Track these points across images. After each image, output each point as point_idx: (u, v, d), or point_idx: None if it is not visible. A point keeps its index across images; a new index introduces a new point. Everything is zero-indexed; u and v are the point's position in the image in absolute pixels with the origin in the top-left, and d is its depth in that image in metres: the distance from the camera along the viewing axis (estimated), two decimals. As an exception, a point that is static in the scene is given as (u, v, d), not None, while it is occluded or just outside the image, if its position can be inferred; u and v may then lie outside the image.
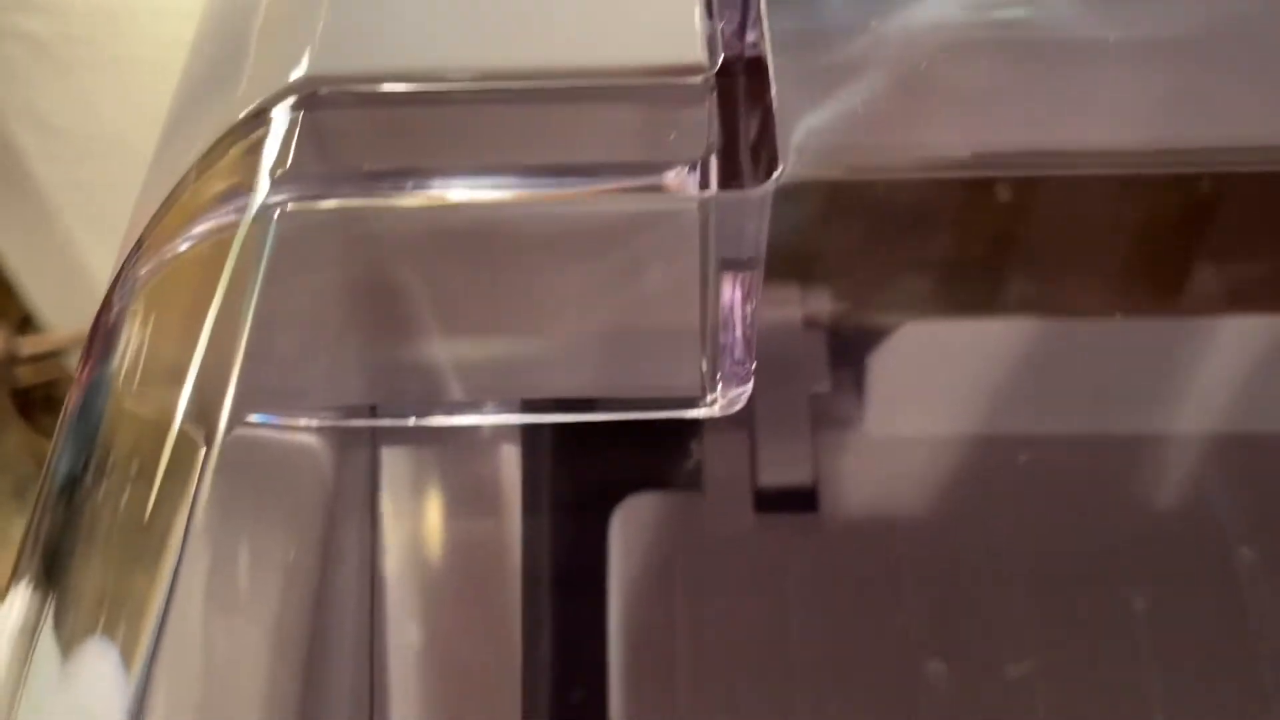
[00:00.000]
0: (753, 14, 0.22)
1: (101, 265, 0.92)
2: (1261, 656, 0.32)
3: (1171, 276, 0.34)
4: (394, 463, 0.26)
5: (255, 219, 0.20)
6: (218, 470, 0.19)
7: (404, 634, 0.26)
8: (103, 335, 0.22)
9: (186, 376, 0.19)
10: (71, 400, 0.21)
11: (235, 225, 0.20)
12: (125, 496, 0.20)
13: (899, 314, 0.35)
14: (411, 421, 0.24)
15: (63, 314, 0.96)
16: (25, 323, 0.99)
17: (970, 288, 0.35)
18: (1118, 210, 0.32)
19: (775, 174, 0.20)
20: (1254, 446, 0.35)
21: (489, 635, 0.27)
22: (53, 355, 0.94)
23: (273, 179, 0.20)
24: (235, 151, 0.21)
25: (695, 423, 0.35)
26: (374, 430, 0.26)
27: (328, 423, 0.24)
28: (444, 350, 0.24)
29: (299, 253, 0.21)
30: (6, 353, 0.89)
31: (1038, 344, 0.34)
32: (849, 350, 0.35)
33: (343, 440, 0.25)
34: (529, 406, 0.24)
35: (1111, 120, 0.25)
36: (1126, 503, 0.34)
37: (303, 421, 0.24)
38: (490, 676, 0.28)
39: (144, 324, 0.21)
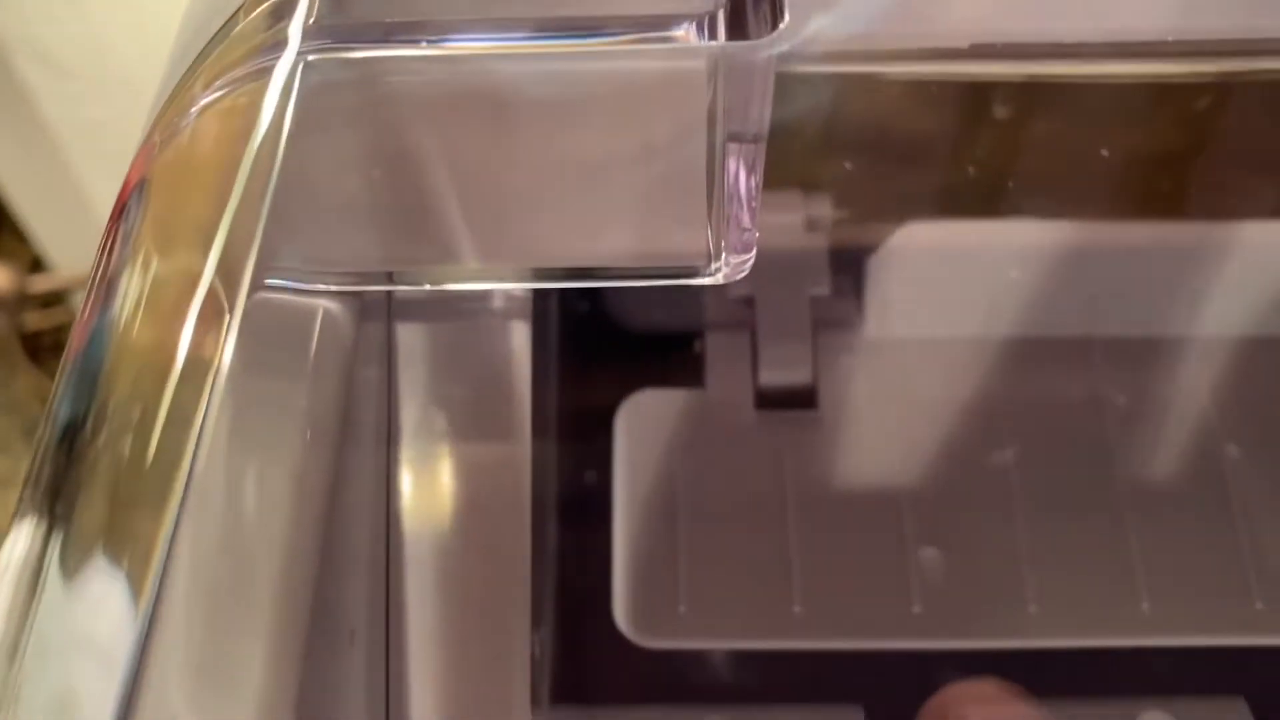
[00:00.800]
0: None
1: (110, 207, 0.93)
2: (1244, 548, 0.33)
3: (1172, 181, 0.35)
4: (410, 337, 0.27)
5: (282, 71, 0.20)
6: (239, 336, 0.20)
7: (419, 516, 0.27)
8: (129, 195, 0.23)
9: (213, 238, 0.19)
10: (94, 284, 0.22)
11: (260, 83, 0.21)
12: (148, 367, 0.20)
13: (898, 217, 0.36)
14: (426, 287, 0.25)
15: (72, 256, 0.96)
16: (35, 265, 1.00)
17: (970, 189, 0.36)
18: (1120, 113, 0.33)
19: (780, 27, 0.20)
20: (1248, 348, 0.36)
21: (500, 516, 0.28)
22: (62, 294, 0.95)
23: (299, 32, 0.21)
24: (260, 11, 0.21)
25: (699, 320, 0.36)
26: (390, 303, 0.27)
27: (346, 288, 0.25)
28: (459, 218, 0.25)
29: (317, 115, 0.22)
30: (16, 293, 0.90)
31: (1035, 246, 0.35)
32: (849, 254, 0.36)
33: (360, 310, 0.26)
34: (539, 274, 0.25)
35: (1122, 9, 0.26)
36: (1120, 401, 0.35)
37: (321, 286, 0.25)
38: (501, 555, 0.29)
39: (161, 190, 0.22)
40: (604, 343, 0.36)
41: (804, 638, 0.32)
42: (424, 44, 0.21)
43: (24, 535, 0.19)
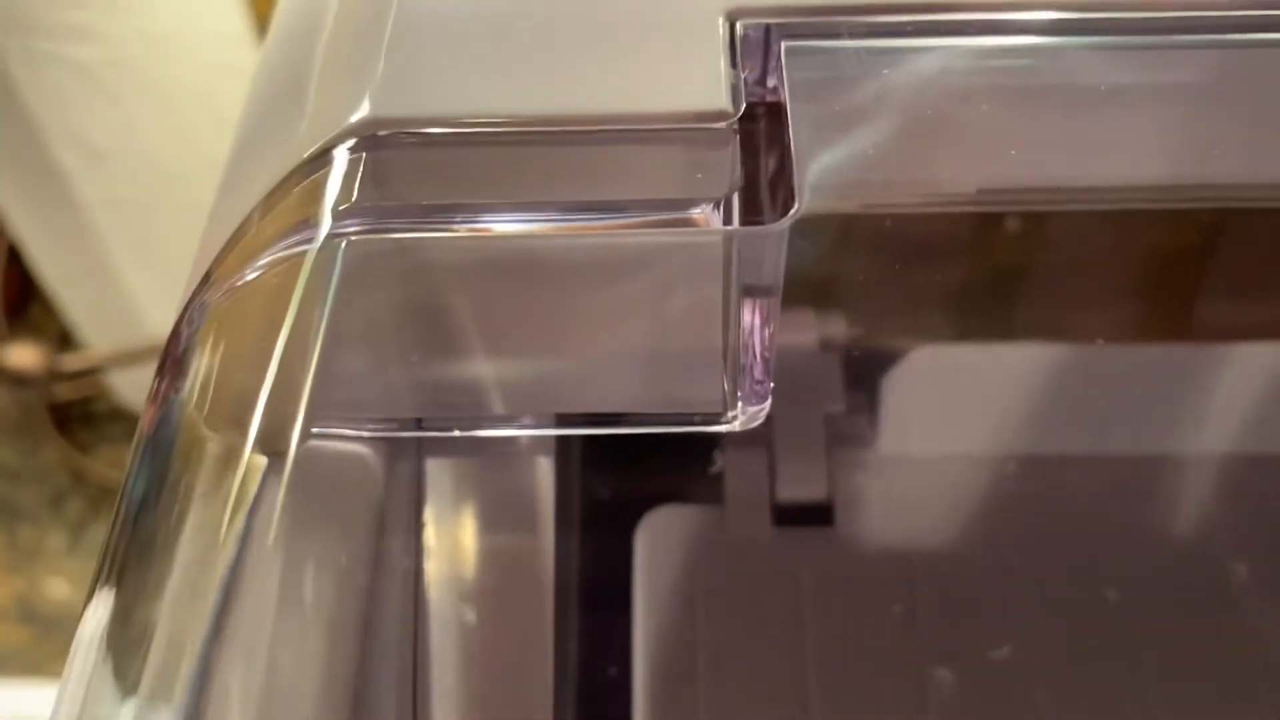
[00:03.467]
0: (773, 63, 0.24)
1: (139, 283, 0.95)
2: (1258, 672, 0.33)
3: (1172, 306, 0.36)
4: (438, 473, 0.28)
5: (321, 249, 0.22)
6: (290, 480, 0.21)
7: (445, 636, 0.28)
8: (173, 361, 0.24)
9: (258, 398, 0.21)
10: (144, 424, 0.23)
11: (300, 256, 0.22)
12: (194, 515, 0.21)
13: (911, 339, 0.37)
14: (455, 433, 0.26)
15: (100, 331, 0.98)
16: (64, 339, 1.02)
17: (979, 315, 0.37)
18: (1119, 242, 0.34)
19: (792, 211, 0.22)
20: (1255, 467, 0.36)
21: (523, 639, 0.29)
22: (91, 373, 0.97)
23: (336, 213, 0.22)
24: (300, 189, 0.23)
25: (716, 440, 0.37)
26: (420, 444, 0.28)
27: (380, 434, 0.26)
28: (487, 369, 0.26)
29: (359, 279, 0.23)
30: (46, 369, 0.92)
31: (1043, 369, 0.36)
32: (863, 373, 0.37)
33: (391, 452, 0.27)
34: (563, 421, 0.26)
35: (1111, 159, 0.27)
36: (1133, 522, 0.36)
37: (359, 431, 0.26)
38: (523, 678, 0.30)
39: (213, 350, 0.23)
40: (625, 458, 0.37)
41: (820, 757, 0.32)
42: (457, 225, 0.22)
43: (98, 611, 0.21)
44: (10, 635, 0.96)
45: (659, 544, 0.35)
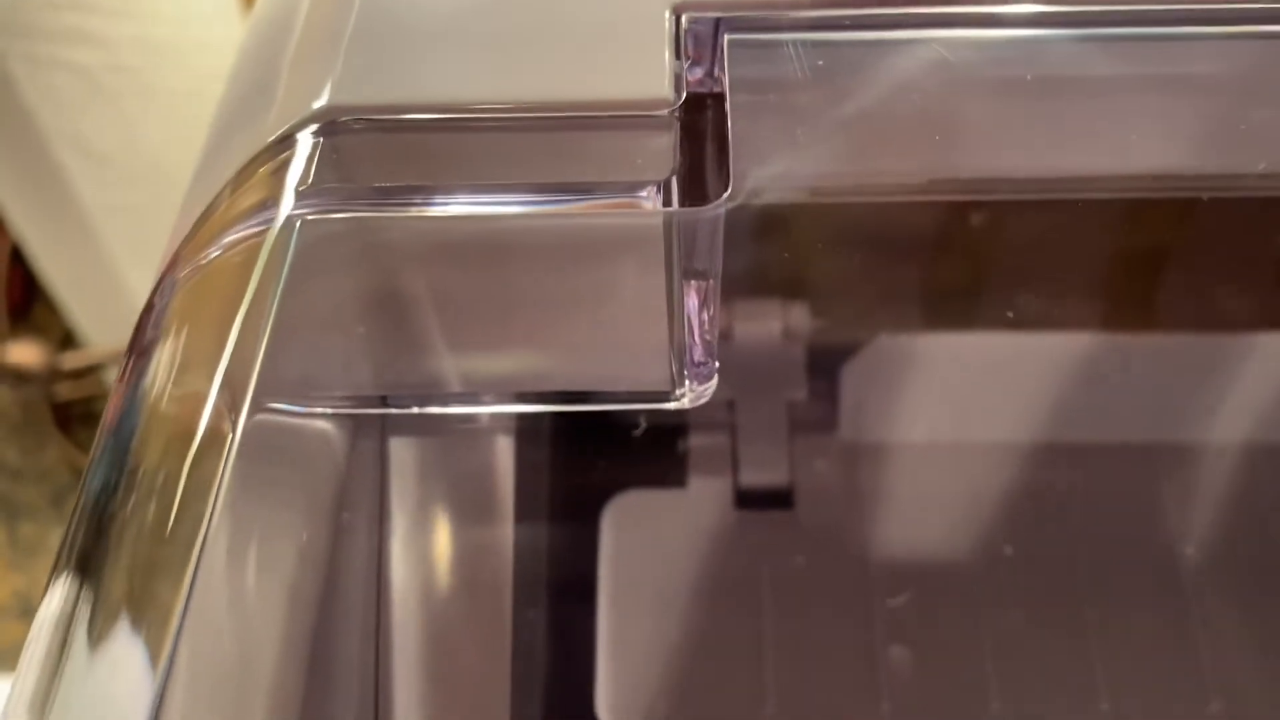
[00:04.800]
0: (716, 56, 0.25)
1: (140, 284, 0.96)
2: (1202, 650, 0.34)
3: (1127, 294, 0.37)
4: (401, 451, 0.30)
5: (280, 229, 0.23)
6: (240, 454, 0.22)
7: (406, 615, 0.29)
8: (141, 335, 0.25)
9: (217, 369, 0.22)
10: (110, 408, 0.24)
11: (263, 235, 0.23)
12: (159, 484, 0.22)
13: (871, 328, 0.38)
14: (416, 410, 0.27)
15: (102, 331, 1.00)
16: (66, 339, 1.03)
17: (937, 304, 0.38)
18: (1072, 231, 0.35)
19: (725, 195, 0.23)
20: (1208, 456, 0.37)
21: (484, 620, 0.30)
22: (92, 370, 0.98)
23: (296, 194, 0.23)
24: (264, 171, 0.24)
25: (681, 427, 0.38)
26: (384, 422, 0.29)
27: (342, 410, 0.27)
28: (447, 348, 0.27)
29: (319, 258, 0.24)
30: (48, 368, 0.94)
31: (1003, 358, 0.37)
32: (825, 361, 0.38)
33: (355, 428, 0.28)
34: (521, 398, 0.27)
35: (1062, 149, 0.28)
36: (1083, 507, 0.37)
37: (319, 409, 0.27)
38: (484, 658, 0.31)
39: (179, 323, 0.25)
40: (592, 443, 0.38)
41: (777, 733, 0.33)
42: (411, 206, 0.23)
43: (57, 597, 0.21)
44: (11, 632, 0.98)
45: (624, 528, 0.37)
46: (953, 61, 0.28)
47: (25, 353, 0.89)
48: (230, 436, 0.22)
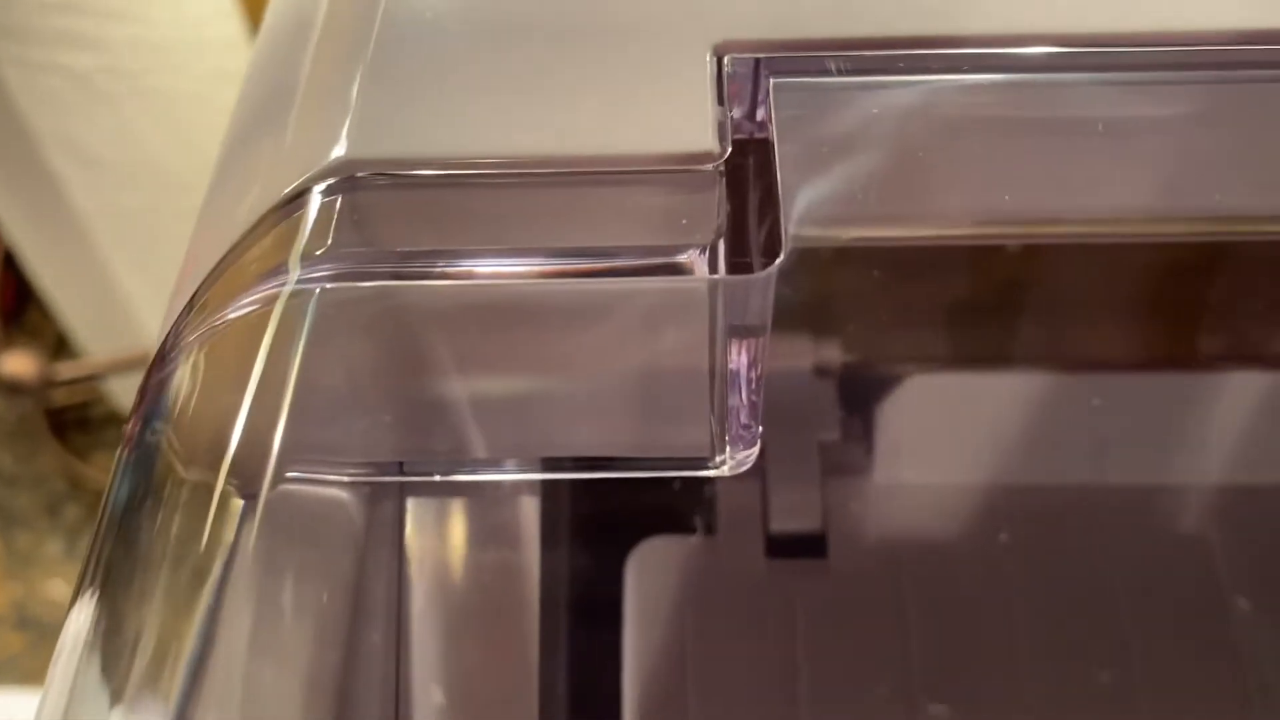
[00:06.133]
0: (761, 99, 0.23)
1: (135, 290, 0.94)
2: (1255, 704, 0.33)
3: (1167, 333, 0.36)
4: (420, 513, 0.28)
5: (292, 297, 0.21)
6: (261, 524, 0.21)
7: (427, 677, 0.28)
8: (152, 395, 0.23)
9: (229, 444, 0.20)
10: (122, 458, 0.23)
11: (273, 304, 0.21)
12: (172, 550, 0.21)
13: (905, 366, 0.36)
14: (437, 478, 0.26)
15: (96, 335, 0.98)
16: (60, 344, 1.02)
17: (973, 343, 0.36)
18: (1112, 272, 0.33)
19: (779, 257, 0.21)
20: (1251, 497, 0.36)
21: (509, 678, 0.29)
22: (88, 379, 0.96)
23: (307, 260, 0.21)
24: (276, 232, 0.22)
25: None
26: (402, 486, 0.28)
27: (360, 478, 0.25)
28: (469, 412, 0.25)
29: (336, 323, 0.23)
30: (42, 375, 0.92)
31: (1038, 397, 0.36)
32: (857, 400, 0.36)
33: (373, 494, 0.26)
34: (548, 465, 0.26)
35: (1098, 191, 0.27)
36: (1128, 551, 0.35)
37: (336, 477, 0.25)
38: (510, 713, 0.30)
39: (190, 390, 0.23)
40: (615, 488, 0.36)
41: (813, 796, 0.32)
42: (433, 272, 0.21)
43: (83, 613, 0.20)
44: (7, 642, 0.96)
45: (650, 576, 0.35)
46: (1001, 102, 0.26)
47: (19, 363, 0.87)
48: (248, 507, 0.21)
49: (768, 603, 0.34)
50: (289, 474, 0.23)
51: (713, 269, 0.21)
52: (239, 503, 0.21)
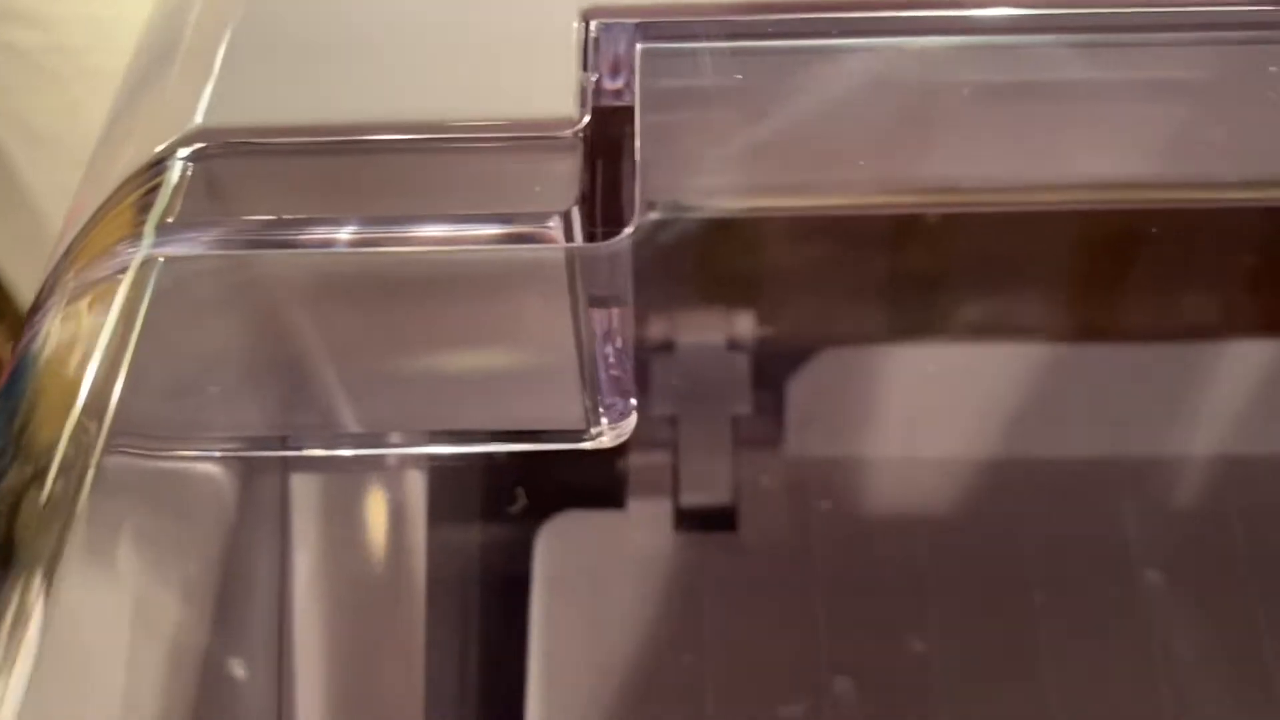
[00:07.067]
0: (625, 66, 0.23)
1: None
2: (1159, 677, 0.33)
3: (1070, 304, 0.36)
4: (305, 488, 0.28)
5: (140, 268, 0.21)
6: (112, 495, 0.21)
7: (312, 653, 0.27)
8: (16, 357, 0.23)
9: (73, 411, 0.20)
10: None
11: (123, 274, 0.21)
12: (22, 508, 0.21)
13: (817, 340, 0.36)
14: (312, 453, 0.25)
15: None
16: (15, 324, 1.01)
17: (884, 316, 0.36)
18: (1018, 240, 0.33)
19: (628, 229, 0.21)
20: (1167, 471, 0.36)
21: (399, 653, 0.29)
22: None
23: (161, 229, 0.21)
24: (129, 201, 0.22)
25: (621, 444, 0.36)
26: (284, 461, 0.27)
27: (235, 453, 0.25)
28: (349, 385, 0.25)
29: (194, 295, 0.22)
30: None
31: (947, 370, 0.35)
32: (770, 374, 0.36)
33: (250, 468, 0.26)
34: (434, 438, 0.26)
35: (973, 158, 0.26)
36: (1038, 524, 0.35)
37: (218, 453, 0.25)
38: (399, 687, 0.29)
39: (50, 352, 0.23)
40: (526, 462, 0.36)
41: (716, 769, 0.32)
42: (284, 240, 0.21)
43: None
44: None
45: (560, 551, 0.35)
46: (879, 69, 0.26)
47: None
48: (85, 476, 0.20)
49: (676, 576, 0.34)
50: (147, 448, 0.23)
51: (569, 238, 0.21)
52: (89, 468, 0.21)
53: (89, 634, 0.21)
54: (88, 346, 0.21)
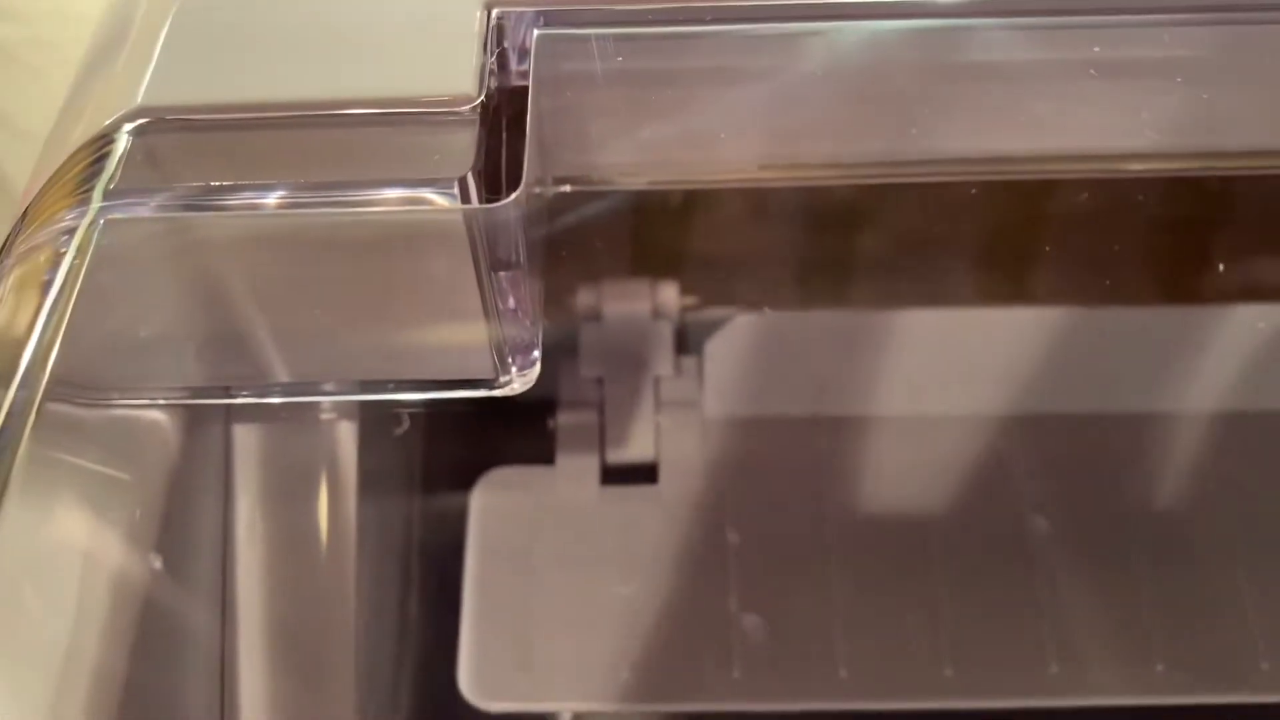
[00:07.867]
0: (520, 50, 0.26)
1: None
2: (1045, 615, 0.35)
3: (999, 267, 0.38)
4: (246, 438, 0.30)
5: (85, 230, 0.23)
6: (57, 440, 0.23)
7: (253, 594, 0.30)
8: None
9: (19, 361, 0.22)
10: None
11: (71, 236, 0.24)
12: None
13: (734, 306, 0.39)
14: (253, 400, 0.28)
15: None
16: None
17: (797, 281, 0.39)
18: (949, 205, 0.36)
19: (516, 192, 0.23)
20: (1058, 424, 0.38)
21: (334, 595, 0.31)
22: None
23: (106, 194, 0.24)
24: (77, 170, 0.24)
25: (550, 403, 0.39)
26: (228, 409, 0.30)
27: (172, 401, 0.28)
28: (284, 339, 0.28)
29: (137, 256, 0.25)
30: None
31: (859, 333, 0.38)
32: (691, 339, 0.39)
33: (195, 417, 0.29)
34: (355, 388, 0.28)
35: (866, 130, 0.29)
36: (938, 476, 0.38)
37: (161, 401, 0.28)
38: (334, 632, 0.32)
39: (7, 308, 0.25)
40: (463, 417, 0.39)
41: (635, 700, 0.35)
42: (214, 205, 0.24)
43: None
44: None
45: (492, 503, 0.37)
46: (781, 52, 0.28)
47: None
48: (26, 422, 0.22)
49: (602, 525, 0.37)
50: (99, 395, 0.26)
51: (465, 202, 0.24)
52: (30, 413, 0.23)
53: (30, 573, 0.23)
54: (38, 302, 0.23)
